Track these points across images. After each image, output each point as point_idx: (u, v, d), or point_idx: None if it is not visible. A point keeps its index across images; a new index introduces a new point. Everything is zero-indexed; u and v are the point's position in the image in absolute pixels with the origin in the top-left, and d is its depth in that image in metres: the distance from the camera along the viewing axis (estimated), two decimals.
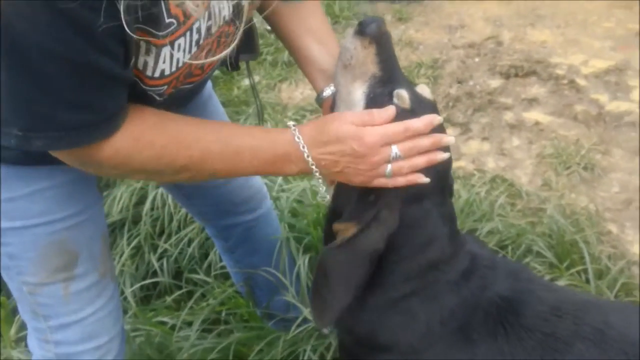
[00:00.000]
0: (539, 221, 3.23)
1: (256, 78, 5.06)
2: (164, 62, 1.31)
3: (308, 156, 1.37)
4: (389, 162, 1.38)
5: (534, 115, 4.32)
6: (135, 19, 1.12)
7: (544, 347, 1.41)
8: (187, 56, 1.35)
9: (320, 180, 1.47)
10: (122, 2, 1.07)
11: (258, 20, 1.82)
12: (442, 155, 1.43)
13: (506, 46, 5.23)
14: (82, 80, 1.18)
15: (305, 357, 2.25)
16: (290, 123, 1.41)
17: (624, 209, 3.45)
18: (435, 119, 1.40)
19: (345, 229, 1.43)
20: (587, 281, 2.71)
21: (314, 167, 1.39)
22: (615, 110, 4.26)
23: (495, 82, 4.74)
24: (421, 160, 1.40)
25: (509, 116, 4.34)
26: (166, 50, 1.28)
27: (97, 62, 1.15)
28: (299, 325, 2.32)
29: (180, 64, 1.35)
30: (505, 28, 5.54)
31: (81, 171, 1.42)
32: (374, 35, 1.40)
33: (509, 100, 4.52)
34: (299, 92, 4.95)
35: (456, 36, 5.50)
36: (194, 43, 1.33)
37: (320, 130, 1.38)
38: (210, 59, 1.43)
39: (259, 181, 2.33)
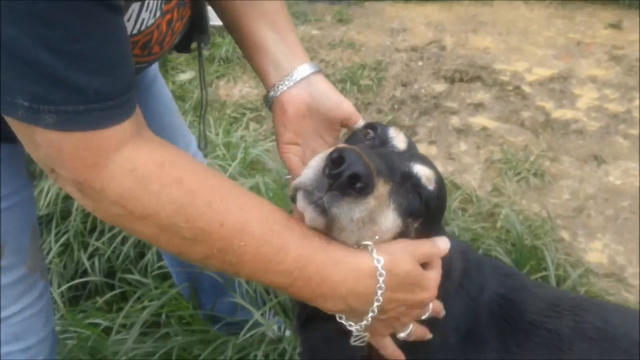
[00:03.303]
0: (492, 226, 3.12)
1: (192, 74, 4.81)
2: (128, 19, 1.10)
3: (377, 300, 1.07)
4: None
5: (480, 120, 4.24)
6: None
7: (549, 345, 1.35)
8: (152, 20, 1.17)
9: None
10: None
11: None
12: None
13: (449, 51, 5.16)
14: (89, 29, 0.91)
15: None
16: (376, 257, 1.06)
17: (575, 217, 3.37)
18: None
19: None
20: None
21: (371, 315, 1.09)
22: (561, 117, 4.22)
23: (440, 87, 4.65)
24: None
25: (455, 120, 4.24)
26: (135, 7, 1.09)
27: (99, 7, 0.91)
28: (248, 330, 2.10)
29: (144, 27, 1.16)
30: (448, 33, 5.48)
31: (7, 150, 1.19)
32: (382, 172, 1.07)
33: (454, 104, 4.43)
34: (237, 90, 4.72)
35: (398, 39, 5.40)
36: (159, 6, 1.17)
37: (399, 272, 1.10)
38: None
39: None
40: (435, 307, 1.20)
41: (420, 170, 1.16)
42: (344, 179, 0.96)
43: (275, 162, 3.39)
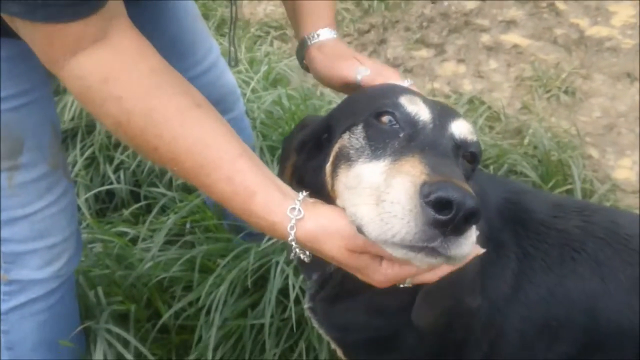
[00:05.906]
0: (519, 143, 3.07)
1: None
2: None
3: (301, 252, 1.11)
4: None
5: (512, 37, 4.12)
6: None
7: (561, 245, 1.34)
8: None
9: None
10: None
11: None
12: None
13: None
14: None
15: (278, 270, 2.04)
16: (291, 233, 1.06)
17: (605, 134, 3.30)
18: None
19: None
20: None
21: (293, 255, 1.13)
22: (595, 35, 4.08)
23: (471, 3, 4.51)
24: None
25: (485, 38, 4.13)
26: None
27: None
28: (270, 238, 2.11)
29: None
30: None
31: (23, 46, 1.17)
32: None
33: (485, 22, 4.30)
34: (262, 8, 4.63)
35: None
36: None
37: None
38: None
39: (232, 80, 2.07)
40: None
41: (461, 129, 1.10)
42: (461, 222, 0.87)
43: (300, 78, 3.35)
